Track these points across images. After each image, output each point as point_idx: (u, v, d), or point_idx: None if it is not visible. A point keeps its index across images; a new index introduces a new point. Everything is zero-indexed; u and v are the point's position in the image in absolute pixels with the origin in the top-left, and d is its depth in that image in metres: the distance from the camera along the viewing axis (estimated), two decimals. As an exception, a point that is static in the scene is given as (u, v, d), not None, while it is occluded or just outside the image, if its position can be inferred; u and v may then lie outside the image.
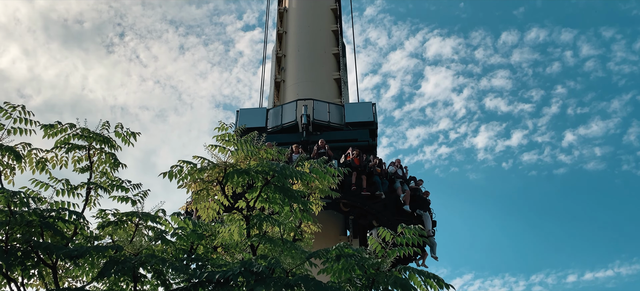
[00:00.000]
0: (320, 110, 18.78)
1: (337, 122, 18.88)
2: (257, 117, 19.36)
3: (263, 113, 19.62)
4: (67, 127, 7.10)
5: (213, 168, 6.59)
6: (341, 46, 23.31)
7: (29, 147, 6.94)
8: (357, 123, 18.78)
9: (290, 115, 18.98)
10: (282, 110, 19.37)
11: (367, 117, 18.83)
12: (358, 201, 15.67)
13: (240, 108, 19.98)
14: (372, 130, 18.87)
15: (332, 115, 18.95)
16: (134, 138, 7.46)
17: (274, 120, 19.29)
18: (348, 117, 18.96)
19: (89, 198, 7.08)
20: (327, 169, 7.48)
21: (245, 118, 19.00)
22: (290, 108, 19.16)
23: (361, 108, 19.43)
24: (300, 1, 24.35)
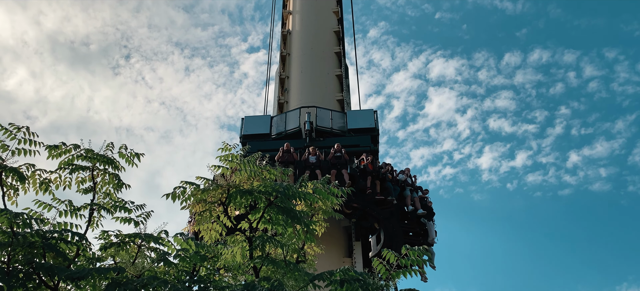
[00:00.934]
0: (323, 117, 19.18)
1: (339, 128, 19.20)
2: (262, 124, 19.71)
3: (267, 120, 19.94)
4: (71, 148, 7.12)
5: (216, 189, 6.58)
6: (344, 68, 23.45)
7: (33, 167, 6.95)
8: (359, 130, 19.05)
9: (293, 122, 19.31)
10: (286, 117, 19.73)
11: (368, 123, 19.18)
12: (367, 205, 15.85)
13: (245, 116, 20.31)
14: (374, 136, 19.10)
15: (334, 122, 19.32)
16: (137, 159, 7.46)
17: (277, 126, 19.60)
18: (350, 123, 19.25)
19: (92, 219, 7.06)
20: (331, 189, 7.45)
21: (250, 126, 19.39)
22: (294, 115, 19.52)
23: (363, 115, 19.74)
24: (304, 24, 24.57)
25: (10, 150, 6.74)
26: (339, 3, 26.40)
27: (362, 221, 16.78)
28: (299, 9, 25.26)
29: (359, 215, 16.56)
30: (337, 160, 16.18)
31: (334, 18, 25.30)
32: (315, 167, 15.90)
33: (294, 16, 25.21)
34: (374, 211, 16.03)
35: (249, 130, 19.37)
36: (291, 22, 25.15)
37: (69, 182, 7.24)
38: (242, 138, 19.41)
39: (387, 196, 15.99)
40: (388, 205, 16.05)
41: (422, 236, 17.04)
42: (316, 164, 16.01)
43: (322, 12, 25.02)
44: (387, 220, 16.15)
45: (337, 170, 15.84)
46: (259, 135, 19.18)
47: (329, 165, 15.99)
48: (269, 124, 19.69)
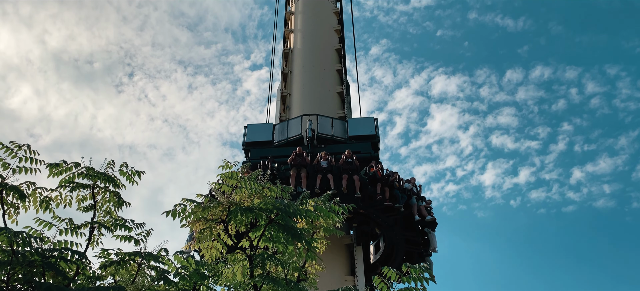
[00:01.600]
0: (324, 125, 19.60)
1: (340, 135, 19.56)
2: (264, 131, 20.14)
3: (269, 128, 20.34)
4: (72, 165, 7.12)
5: (216, 207, 6.56)
6: (345, 85, 23.54)
7: (34, 186, 6.94)
8: (360, 137, 19.43)
9: (295, 129, 19.69)
10: (288, 125, 20.11)
11: (369, 130, 19.60)
12: (373, 212, 16.13)
13: (248, 124, 20.62)
14: (374, 143, 19.44)
15: (335, 129, 19.72)
16: (138, 177, 7.46)
17: (280, 134, 19.96)
18: (351, 130, 19.70)
19: (92, 238, 7.03)
20: (332, 207, 7.42)
21: (253, 133, 19.84)
22: (296, 123, 19.90)
23: (363, 123, 20.17)
24: (305, 42, 24.73)
25: (11, 168, 6.75)
26: (340, 21, 26.60)
27: (363, 225, 16.99)
28: (301, 27, 25.46)
29: (360, 220, 16.79)
30: (348, 165, 16.39)
31: (335, 36, 25.48)
32: (327, 171, 16.12)
33: (295, 34, 25.40)
34: (379, 218, 16.31)
35: (251, 137, 19.76)
36: (293, 40, 25.32)
37: (70, 200, 7.23)
38: (244, 146, 19.71)
39: (395, 203, 16.28)
40: (395, 213, 16.31)
41: (423, 246, 17.34)
42: (327, 169, 16.22)
43: (323, 30, 25.21)
44: (390, 228, 16.44)
45: (348, 175, 16.03)
46: (261, 142, 19.55)
47: (340, 170, 16.19)
48: (271, 132, 20.09)
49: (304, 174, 15.88)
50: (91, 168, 7.14)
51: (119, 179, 7.35)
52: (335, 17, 26.39)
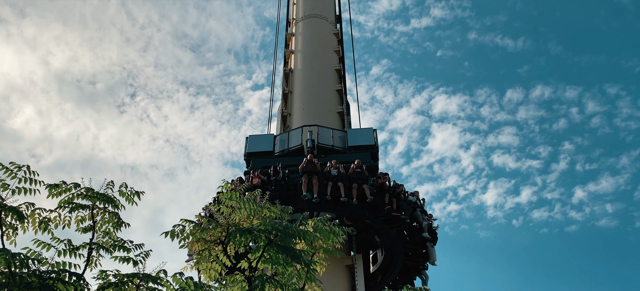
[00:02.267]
0: (325, 135, 19.97)
1: (340, 145, 19.89)
2: (265, 142, 20.35)
3: (271, 139, 20.64)
4: (71, 186, 7.12)
5: (215, 228, 6.54)
6: (345, 105, 23.63)
7: (33, 206, 6.94)
8: (359, 147, 19.61)
9: (296, 140, 19.95)
10: (288, 136, 20.43)
11: (368, 140, 19.91)
12: (377, 222, 16.38)
13: (249, 135, 20.85)
14: (374, 153, 19.67)
15: (335, 140, 20.09)
16: (137, 198, 7.45)
17: (281, 145, 20.26)
18: (351, 141, 19.95)
19: (91, 259, 7.00)
20: (331, 228, 7.39)
21: (254, 144, 20.10)
22: (296, 133, 20.25)
23: (363, 133, 20.43)
24: (305, 62, 24.90)
25: (10, 189, 6.75)
26: (340, 42, 26.81)
27: (362, 233, 17.19)
28: (301, 48, 25.65)
29: (360, 227, 17.03)
30: (358, 175, 16.64)
31: (335, 56, 25.65)
32: (337, 179, 16.33)
33: (296, 55, 25.58)
34: (382, 228, 16.53)
35: (253, 148, 19.99)
36: (293, 61, 25.49)
37: (69, 221, 7.22)
38: (246, 156, 19.95)
39: (401, 214, 16.56)
40: (400, 224, 16.57)
41: (422, 258, 17.65)
42: (338, 177, 16.45)
43: (323, 51, 25.39)
44: (393, 239, 16.70)
45: (358, 184, 16.23)
46: (262, 152, 19.80)
47: (350, 179, 16.40)
48: (273, 142, 20.40)
49: (315, 181, 16.11)
50: (90, 188, 7.14)
51: (118, 200, 7.34)
52: (335, 38, 26.58)
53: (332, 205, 16.12)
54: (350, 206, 16.04)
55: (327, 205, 16.14)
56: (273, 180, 16.43)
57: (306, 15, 26.92)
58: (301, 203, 16.02)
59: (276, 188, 16.08)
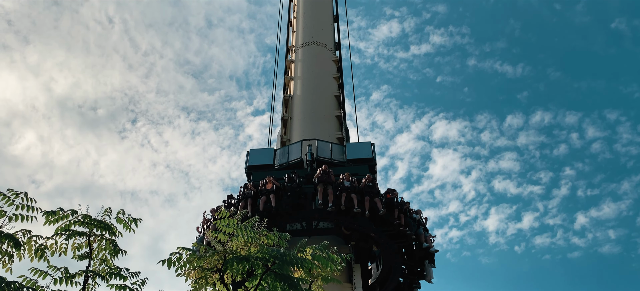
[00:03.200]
0: (324, 148, 20.23)
1: (339, 158, 20.13)
2: (266, 156, 20.76)
3: (271, 152, 21.03)
4: (68, 213, 7.10)
5: (212, 255, 6.49)
6: (345, 130, 23.70)
7: (29, 234, 6.90)
8: (358, 160, 19.87)
9: (296, 153, 20.22)
10: (288, 150, 20.77)
11: (366, 154, 20.21)
12: (381, 237, 16.67)
13: (250, 149, 21.24)
14: (372, 166, 19.90)
15: (334, 153, 20.30)
16: (135, 225, 7.42)
17: (281, 158, 20.59)
18: (349, 154, 20.22)
19: (87, 287, 6.93)
20: (330, 255, 7.34)
21: (255, 157, 20.49)
22: (296, 147, 20.66)
23: (361, 147, 20.78)
24: (304, 89, 25.06)
25: (7, 215, 6.72)
26: (339, 69, 27.01)
27: (361, 243, 17.47)
28: (300, 75, 25.85)
29: (358, 237, 17.27)
30: (370, 189, 16.93)
31: (335, 83, 25.82)
32: (350, 191, 16.59)
33: (295, 82, 25.76)
34: (386, 243, 16.79)
35: (253, 161, 20.29)
36: (293, 87, 25.64)
37: (65, 248, 7.17)
38: (247, 169, 20.30)
39: (408, 229, 16.95)
40: (406, 239, 17.01)
41: (417, 275, 18.12)
42: (351, 189, 16.69)
43: (322, 78, 25.57)
44: (394, 254, 17.01)
45: (370, 198, 16.56)
46: (263, 166, 20.12)
47: (363, 192, 16.71)
48: (273, 156, 20.78)
49: (330, 191, 16.35)
50: (88, 215, 7.11)
51: (116, 227, 7.31)
52: (334, 65, 26.78)
53: (344, 215, 16.42)
54: (360, 218, 16.39)
55: (338, 215, 16.45)
56: (289, 187, 16.78)
57: (305, 43, 27.19)
58: (312, 211, 16.47)
59: (292, 195, 16.52)
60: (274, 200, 16.30)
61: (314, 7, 29.76)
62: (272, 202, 16.28)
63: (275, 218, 15.94)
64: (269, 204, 16.28)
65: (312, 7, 29.67)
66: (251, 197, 16.75)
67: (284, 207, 16.39)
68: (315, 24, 28.53)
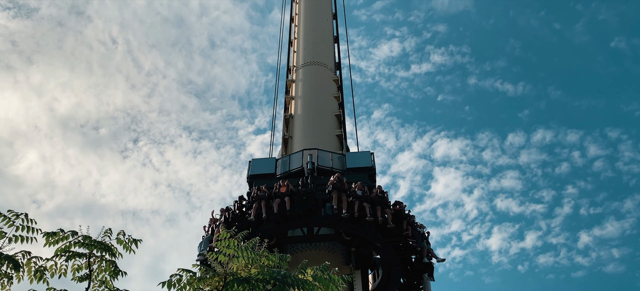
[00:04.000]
0: (324, 158, 20.59)
1: (339, 167, 20.40)
2: (267, 165, 21.21)
3: (272, 162, 21.47)
4: (69, 234, 7.08)
5: (212, 277, 6.46)
6: (345, 149, 23.71)
7: (29, 255, 6.87)
8: (357, 169, 20.27)
9: (297, 162, 20.61)
10: (289, 159, 21.12)
11: (366, 163, 20.69)
12: (386, 248, 17.06)
13: (252, 159, 21.69)
14: (371, 175, 20.33)
15: (334, 162, 20.68)
16: (135, 246, 7.40)
17: (282, 167, 20.89)
18: (349, 163, 20.69)
19: (86, 309, 6.88)
20: (331, 277, 7.29)
21: (257, 167, 20.96)
22: (297, 156, 20.91)
23: (361, 156, 21.34)
24: (305, 108, 25.14)
25: (7, 237, 6.71)
26: (339, 88, 27.14)
27: (361, 248, 17.85)
28: (301, 94, 25.97)
29: (358, 243, 17.63)
30: (381, 199, 17.35)
31: (335, 102, 25.92)
32: (363, 200, 16.91)
33: (296, 101, 25.87)
34: (390, 253, 17.17)
35: (255, 170, 20.74)
36: (293, 107, 25.73)
37: (65, 270, 7.14)
38: (249, 179, 20.69)
39: (412, 242, 17.46)
40: (411, 251, 17.55)
41: (415, 288, 18.50)
42: (364, 198, 17.02)
43: (323, 97, 25.66)
44: (395, 265, 17.31)
45: (381, 208, 17.00)
46: (264, 175, 20.52)
47: (374, 201, 17.09)
48: (274, 165, 21.11)
49: (345, 198, 16.70)
50: (88, 236, 7.09)
51: (116, 248, 7.29)
52: (335, 85, 26.90)
53: (354, 223, 16.72)
54: (368, 227, 16.76)
55: (348, 222, 16.75)
56: (303, 191, 17.13)
57: (306, 63, 27.37)
58: (324, 216, 16.90)
59: (307, 199, 16.89)
60: (289, 202, 16.60)
61: (314, 27, 30.03)
62: (287, 204, 16.58)
63: (287, 222, 16.57)
64: (283, 207, 16.57)
65: (312, 28, 29.94)
66: (265, 198, 16.99)
67: (296, 211, 16.75)
68: (315, 44, 28.76)
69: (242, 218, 16.99)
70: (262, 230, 16.05)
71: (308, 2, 31.87)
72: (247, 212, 17.19)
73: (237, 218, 16.99)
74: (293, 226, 17.18)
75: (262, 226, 16.46)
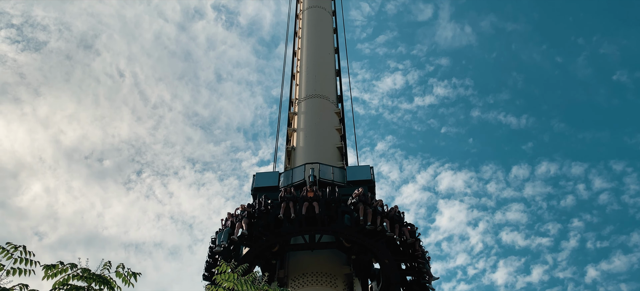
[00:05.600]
0: (325, 171, 21.45)
1: (339, 180, 21.15)
2: (271, 178, 22.05)
3: (275, 175, 22.28)
4: (67, 267, 7.03)
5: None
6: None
7: (26, 288, 6.80)
8: (358, 182, 20.89)
9: (299, 175, 21.45)
10: (292, 172, 22.01)
11: (366, 176, 21.46)
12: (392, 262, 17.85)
13: (256, 173, 22.44)
14: (371, 188, 21.10)
15: (335, 175, 21.40)
16: (134, 279, 7.34)
17: (285, 181, 21.63)
18: (349, 176, 21.45)
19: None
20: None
21: (261, 180, 21.87)
22: (299, 170, 21.85)
23: (361, 170, 22.19)
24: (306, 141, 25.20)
25: (5, 269, 6.65)
26: (341, 121, 27.27)
27: (360, 255, 18.53)
28: (303, 126, 26.10)
29: (358, 250, 18.32)
30: (398, 217, 18.53)
31: (337, 135, 26.01)
32: (384, 215, 17.99)
33: (298, 133, 25.97)
34: (397, 269, 18.08)
35: (259, 183, 21.61)
36: (295, 139, 25.82)
37: (62, 303, 7.04)
38: (253, 191, 21.43)
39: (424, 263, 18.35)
40: (418, 272, 18.29)
41: None
42: (384, 214, 18.09)
43: (325, 130, 25.78)
44: (397, 284, 18.04)
45: (398, 225, 18.07)
46: (268, 187, 21.22)
47: (392, 219, 18.15)
48: (277, 179, 21.92)
49: (369, 212, 17.64)
50: (87, 269, 7.03)
51: (115, 281, 7.22)
52: (336, 117, 27.03)
53: (371, 236, 17.57)
54: (381, 243, 17.65)
55: (366, 235, 17.59)
56: (331, 199, 18.03)
57: (308, 96, 27.58)
58: (344, 225, 17.59)
59: (335, 206, 17.83)
60: (317, 207, 17.39)
61: (316, 61, 30.38)
62: (316, 208, 17.34)
63: (310, 225, 17.49)
64: (312, 210, 17.37)
65: (314, 62, 30.28)
66: (293, 199, 17.78)
67: (323, 216, 17.51)
68: (317, 78, 29.04)
69: (266, 214, 17.88)
70: (284, 230, 17.28)
71: (310, 38, 32.35)
72: (271, 209, 18.08)
73: (262, 215, 17.86)
74: (312, 232, 17.97)
75: (284, 226, 17.39)
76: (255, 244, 17.69)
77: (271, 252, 18.45)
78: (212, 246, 18.59)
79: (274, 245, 17.96)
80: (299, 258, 18.70)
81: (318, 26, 33.29)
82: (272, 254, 18.57)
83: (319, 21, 33.70)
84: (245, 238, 17.38)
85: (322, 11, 34.40)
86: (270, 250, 18.32)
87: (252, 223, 17.78)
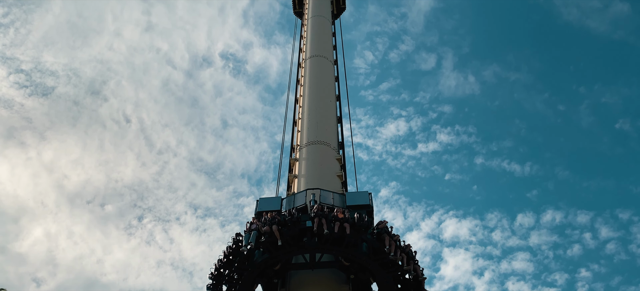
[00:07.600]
0: (326, 196, 22.38)
1: (339, 205, 21.83)
2: (274, 203, 23.00)
3: (278, 200, 23.29)
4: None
5: None
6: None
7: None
8: (357, 206, 21.70)
9: (301, 200, 22.34)
10: (294, 198, 22.90)
11: (364, 201, 22.41)
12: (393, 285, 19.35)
13: (260, 198, 23.48)
14: (369, 212, 21.98)
15: (335, 200, 22.27)
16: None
17: (287, 205, 22.55)
18: (349, 201, 22.36)
19: None
20: None
21: (264, 205, 22.83)
22: (301, 195, 22.84)
23: (360, 195, 23.14)
24: (308, 187, 25.28)
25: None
26: (342, 167, 27.40)
27: (359, 274, 19.55)
28: (304, 172, 26.19)
29: (356, 269, 19.34)
30: (412, 255, 19.89)
31: (338, 181, 26.02)
32: (402, 250, 19.35)
33: (299, 179, 26.06)
34: None
35: (262, 208, 22.52)
36: (296, 185, 25.86)
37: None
38: (256, 215, 22.11)
39: None
40: None
41: None
42: (401, 248, 19.44)
43: (325, 175, 25.64)
44: None
45: (412, 262, 19.62)
46: (271, 212, 21.65)
47: (406, 253, 19.50)
48: (280, 203, 22.88)
49: (394, 244, 18.92)
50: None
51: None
52: (338, 164, 27.14)
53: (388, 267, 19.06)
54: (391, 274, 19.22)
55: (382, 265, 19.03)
56: (363, 224, 18.82)
57: (309, 142, 27.75)
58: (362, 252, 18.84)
59: (363, 230, 18.74)
60: (348, 228, 18.27)
61: (318, 108, 30.69)
62: (347, 229, 18.22)
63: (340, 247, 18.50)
64: (343, 231, 18.25)
65: (316, 108, 30.60)
66: (325, 217, 18.59)
67: (352, 238, 18.49)
68: (319, 124, 29.28)
69: (297, 223, 18.93)
70: (310, 244, 18.43)
71: (312, 85, 32.81)
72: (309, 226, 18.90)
73: (294, 223, 18.87)
74: (337, 252, 18.89)
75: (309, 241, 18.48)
76: (277, 252, 18.72)
77: (273, 271, 19.39)
78: (230, 247, 19.90)
79: (276, 263, 18.98)
80: (300, 277, 19.58)
81: (320, 74, 33.85)
82: (274, 272, 19.55)
83: (321, 69, 34.29)
84: (273, 246, 18.35)
85: (324, 60, 35.06)
86: (273, 268, 19.26)
87: (281, 231, 18.60)
